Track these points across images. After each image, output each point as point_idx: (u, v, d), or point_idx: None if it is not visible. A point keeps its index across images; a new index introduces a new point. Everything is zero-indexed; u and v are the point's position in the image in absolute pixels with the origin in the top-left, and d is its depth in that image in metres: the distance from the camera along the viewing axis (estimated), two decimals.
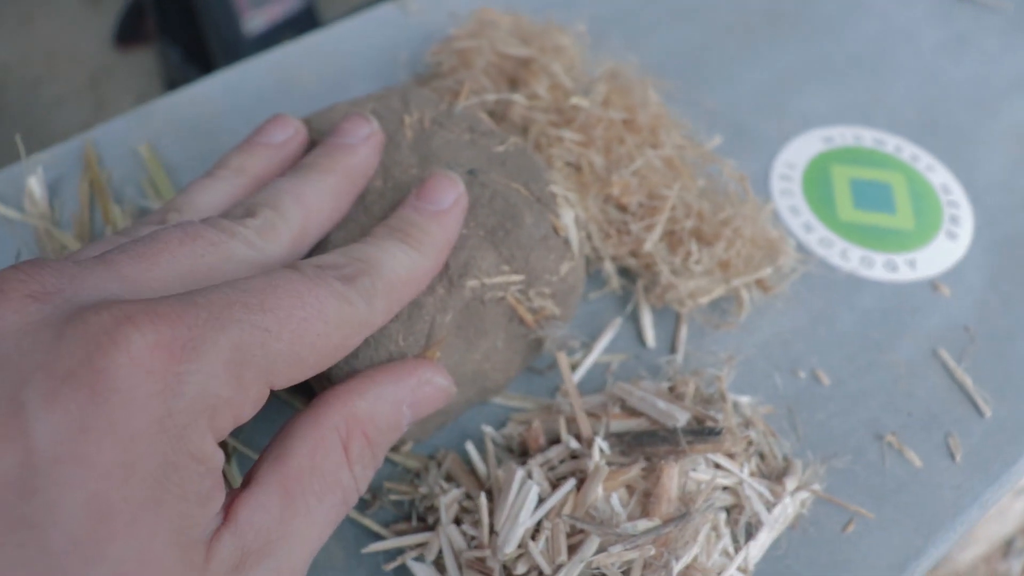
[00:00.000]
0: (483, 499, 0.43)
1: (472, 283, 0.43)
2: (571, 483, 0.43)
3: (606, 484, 0.43)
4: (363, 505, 0.48)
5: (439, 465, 0.47)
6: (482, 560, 0.42)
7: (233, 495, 0.30)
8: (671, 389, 0.47)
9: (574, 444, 0.44)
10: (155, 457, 0.26)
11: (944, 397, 0.52)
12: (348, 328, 0.32)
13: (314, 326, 0.31)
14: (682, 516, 0.42)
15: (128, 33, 2.07)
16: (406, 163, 0.46)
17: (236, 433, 0.48)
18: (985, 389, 0.53)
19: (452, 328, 0.43)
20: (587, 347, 0.52)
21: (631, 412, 0.46)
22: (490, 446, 0.46)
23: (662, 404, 0.45)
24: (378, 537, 0.46)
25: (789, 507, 0.46)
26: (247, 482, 0.31)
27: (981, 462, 0.50)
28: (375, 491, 0.48)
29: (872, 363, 0.53)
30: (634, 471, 0.43)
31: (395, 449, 0.49)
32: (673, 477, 0.42)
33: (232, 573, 0.29)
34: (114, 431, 0.25)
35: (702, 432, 0.44)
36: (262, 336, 0.29)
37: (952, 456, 0.50)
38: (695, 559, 0.43)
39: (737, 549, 0.45)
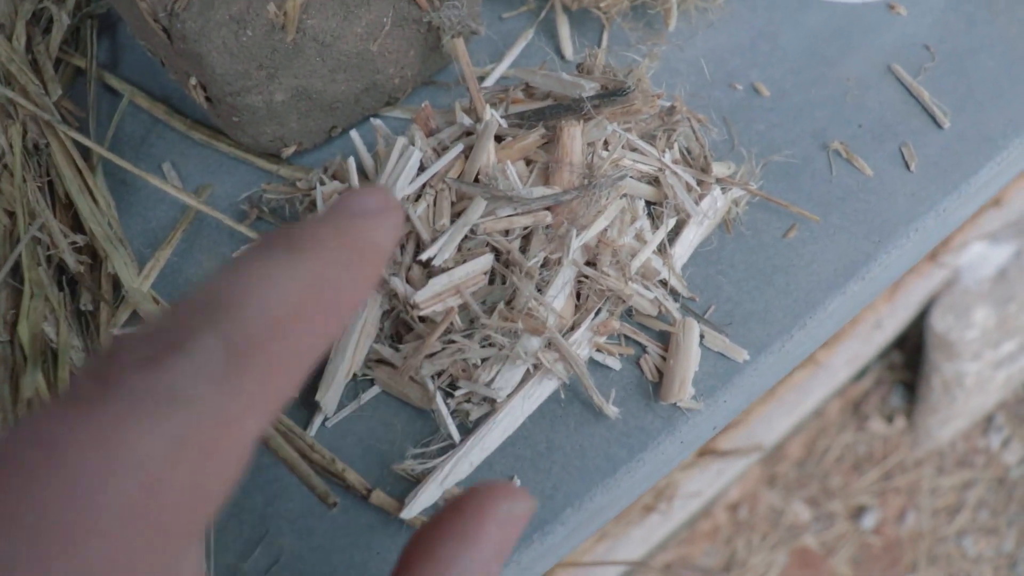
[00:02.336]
0: (351, 162, 0.36)
1: None
2: (458, 148, 0.36)
3: (501, 153, 0.36)
4: (241, 215, 0.41)
5: (326, 170, 0.40)
6: None
7: None
8: (579, 67, 0.39)
9: (468, 122, 0.37)
10: None
11: (898, 109, 0.45)
12: (194, 447, 0.16)
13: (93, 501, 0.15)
14: (585, 185, 0.35)
15: None
16: None
17: None
18: (944, 103, 0.45)
19: None
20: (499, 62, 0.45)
21: (535, 98, 0.39)
22: (380, 139, 0.39)
23: (567, 77, 0.38)
24: None
25: (719, 200, 0.39)
26: None
27: (939, 172, 0.43)
28: (254, 202, 0.41)
29: (819, 77, 0.46)
30: (532, 137, 0.36)
31: (277, 160, 0.42)
32: (575, 137, 0.35)
33: None
34: None
35: (609, 94, 0.36)
36: None
37: (907, 165, 0.43)
38: (604, 233, 0.35)
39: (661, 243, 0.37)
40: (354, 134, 0.38)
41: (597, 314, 0.37)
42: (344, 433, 0.36)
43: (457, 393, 0.34)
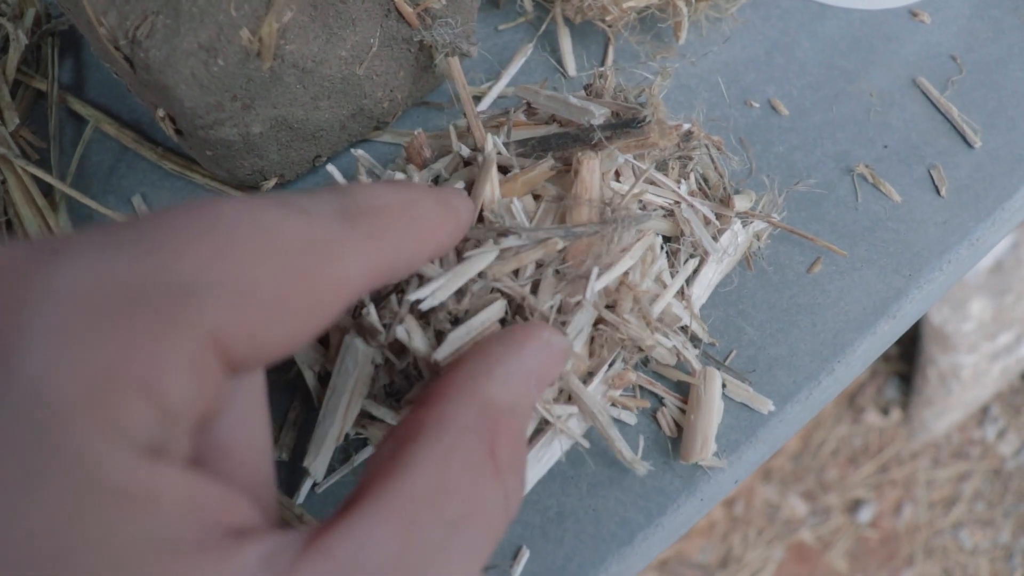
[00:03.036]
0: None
1: None
2: (458, 184, 0.32)
3: (506, 187, 0.32)
4: None
5: None
6: None
7: (324, 526, 0.19)
8: (587, 87, 0.35)
9: (466, 151, 0.33)
10: None
11: (925, 127, 0.41)
12: (310, 247, 0.19)
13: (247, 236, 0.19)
14: (605, 221, 0.31)
15: None
16: None
17: None
18: (974, 119, 0.41)
19: (302, 3, 0.32)
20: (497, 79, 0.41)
21: (538, 122, 0.35)
22: (361, 171, 0.35)
23: (575, 100, 0.34)
24: None
25: (740, 236, 0.36)
26: (349, 506, 0.19)
27: (971, 196, 0.39)
28: None
29: (840, 93, 0.42)
30: (540, 169, 0.32)
31: (254, 192, 0.38)
32: (595, 171, 0.31)
33: None
34: None
35: (623, 124, 0.32)
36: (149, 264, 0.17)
37: (937, 190, 0.39)
38: (626, 275, 0.32)
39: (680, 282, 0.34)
40: (332, 168, 0.34)
41: (611, 365, 0.33)
42: (336, 499, 0.33)
43: None
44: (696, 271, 0.35)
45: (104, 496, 0.15)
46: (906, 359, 1.28)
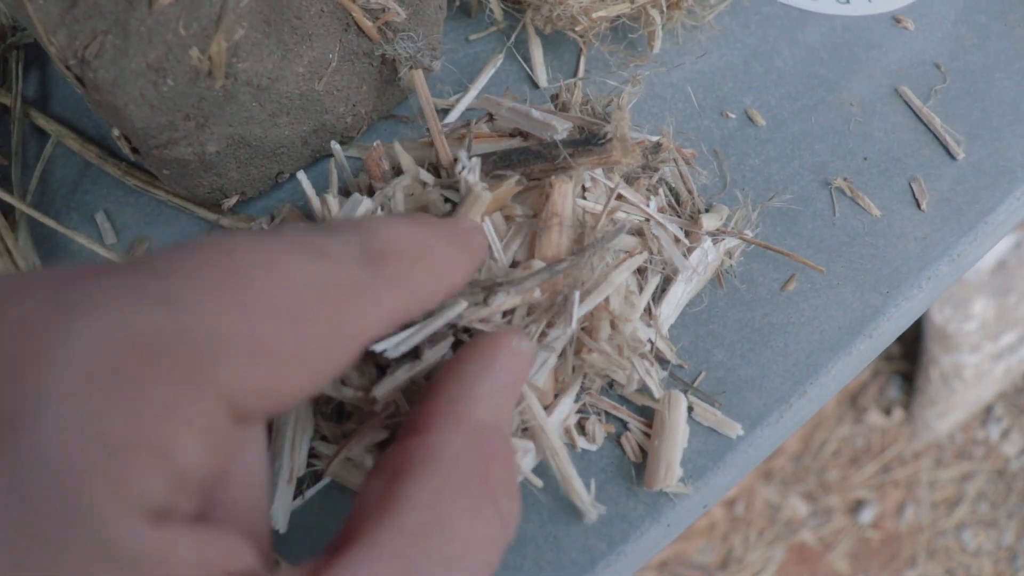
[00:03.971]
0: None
1: None
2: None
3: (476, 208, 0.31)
4: None
5: (273, 218, 0.35)
6: None
7: (321, 566, 0.19)
8: (553, 98, 0.34)
9: (427, 177, 0.32)
10: None
11: (907, 138, 0.40)
12: (332, 297, 0.19)
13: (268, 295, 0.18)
14: (580, 249, 0.30)
15: None
16: None
17: None
18: (958, 130, 0.40)
19: (255, 20, 0.31)
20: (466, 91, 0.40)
21: (502, 135, 0.34)
22: (333, 173, 0.34)
23: (538, 114, 0.32)
24: None
25: (710, 254, 0.34)
26: (341, 546, 0.19)
27: (953, 210, 0.38)
28: None
29: (819, 102, 0.41)
30: (507, 186, 0.31)
31: (216, 209, 0.37)
32: (567, 195, 0.30)
33: None
34: None
35: (584, 141, 0.31)
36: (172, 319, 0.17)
37: (917, 203, 0.38)
38: (607, 301, 0.30)
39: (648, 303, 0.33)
40: (302, 176, 0.33)
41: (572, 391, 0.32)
42: (293, 530, 0.32)
43: None
44: (664, 290, 0.34)
45: (121, 564, 0.15)
46: (908, 359, 1.26)
